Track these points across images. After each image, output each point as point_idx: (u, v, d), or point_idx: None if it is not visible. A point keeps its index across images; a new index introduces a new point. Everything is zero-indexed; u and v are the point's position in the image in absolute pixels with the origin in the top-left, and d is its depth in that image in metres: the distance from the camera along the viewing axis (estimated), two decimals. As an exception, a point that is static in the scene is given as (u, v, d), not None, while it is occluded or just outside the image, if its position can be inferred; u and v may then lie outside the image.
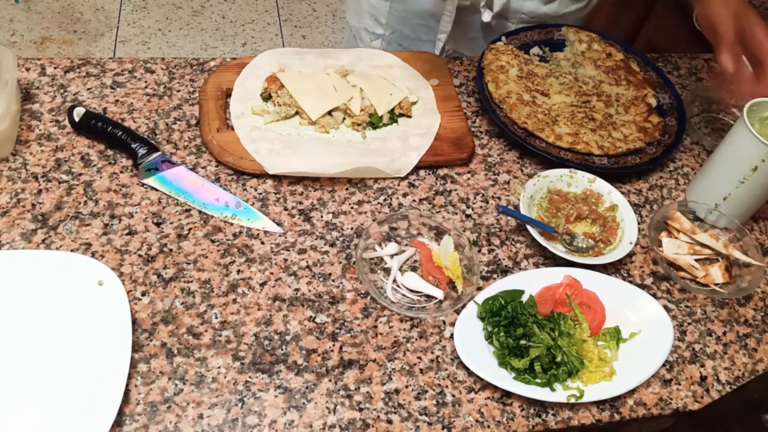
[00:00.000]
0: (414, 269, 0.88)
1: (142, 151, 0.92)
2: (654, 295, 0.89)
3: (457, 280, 0.85)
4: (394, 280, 0.85)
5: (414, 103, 1.05)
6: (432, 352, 0.80)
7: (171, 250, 0.84)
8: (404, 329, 0.82)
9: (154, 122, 0.98)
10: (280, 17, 2.92)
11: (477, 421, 0.75)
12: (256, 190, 0.92)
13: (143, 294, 0.80)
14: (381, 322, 0.82)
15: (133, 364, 0.74)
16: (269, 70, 1.05)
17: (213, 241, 0.86)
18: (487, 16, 1.18)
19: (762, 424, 0.70)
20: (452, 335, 0.81)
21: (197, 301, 0.80)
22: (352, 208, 0.93)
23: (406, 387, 0.77)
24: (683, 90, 1.20)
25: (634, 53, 1.20)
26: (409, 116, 1.03)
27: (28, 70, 1.02)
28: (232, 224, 0.88)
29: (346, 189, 0.95)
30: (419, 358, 0.79)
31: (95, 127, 0.93)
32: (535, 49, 1.20)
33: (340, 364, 0.77)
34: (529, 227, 0.90)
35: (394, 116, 1.03)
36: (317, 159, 0.94)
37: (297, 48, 1.10)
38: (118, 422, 0.70)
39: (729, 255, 0.93)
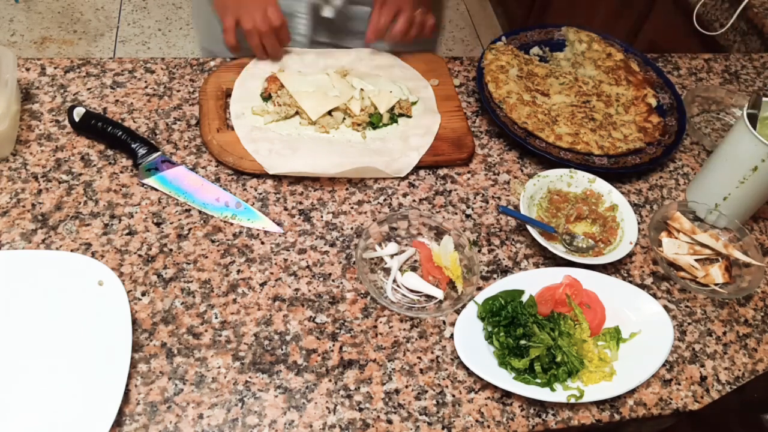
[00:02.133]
0: (414, 269, 0.88)
1: (142, 151, 0.92)
2: (654, 295, 0.89)
3: (457, 280, 0.85)
4: (394, 280, 0.85)
5: (414, 103, 1.05)
6: (432, 352, 0.80)
7: (171, 250, 0.84)
8: (404, 329, 0.82)
9: (154, 122, 0.98)
10: (280, 17, 2.91)
11: (477, 421, 0.75)
12: (256, 190, 0.92)
13: (143, 294, 0.80)
14: (381, 322, 0.82)
15: (133, 364, 0.74)
16: (269, 70, 1.05)
17: (213, 241, 0.86)
18: (328, 12, 1.13)
19: (762, 424, 0.70)
20: (452, 335, 0.81)
21: (197, 301, 0.80)
22: (352, 208, 0.93)
23: (406, 387, 0.77)
24: (683, 90, 1.20)
25: (634, 53, 1.20)
26: (409, 116, 1.03)
27: (28, 70, 1.02)
28: (232, 224, 0.88)
29: (346, 189, 0.95)
30: (419, 358, 0.79)
31: (95, 127, 0.93)
32: (535, 49, 1.20)
33: (340, 364, 0.77)
34: (529, 227, 0.90)
35: (394, 116, 1.03)
36: (317, 159, 0.94)
37: (297, 48, 1.10)
38: (118, 422, 0.70)
39: (729, 255, 0.93)
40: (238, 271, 0.84)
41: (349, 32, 1.18)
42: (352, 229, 0.90)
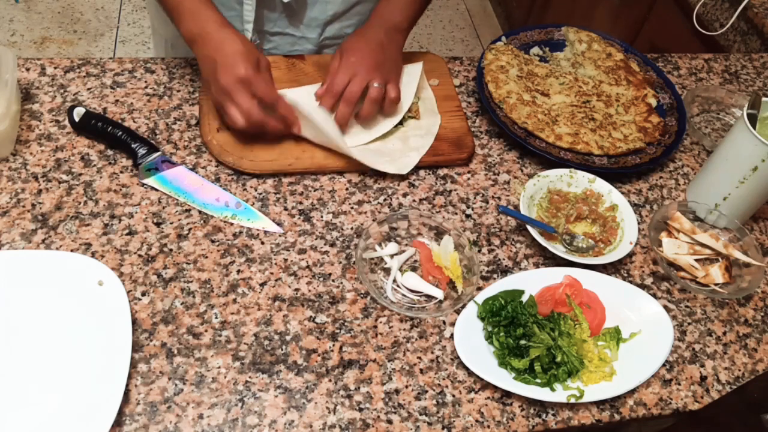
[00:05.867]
0: (414, 269, 0.88)
1: (142, 151, 0.92)
2: (654, 295, 0.89)
3: (457, 280, 0.85)
4: (394, 280, 0.85)
5: (415, 104, 1.05)
6: (432, 352, 0.80)
7: (171, 250, 0.84)
8: (404, 329, 0.82)
9: (154, 122, 0.98)
10: (280, 17, 2.91)
11: (477, 421, 0.75)
12: (256, 190, 0.93)
13: (143, 294, 0.80)
14: (381, 322, 0.82)
15: (133, 364, 0.74)
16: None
17: (213, 241, 0.86)
18: None
19: (762, 424, 0.70)
20: (452, 335, 0.81)
21: (197, 301, 0.80)
22: (352, 208, 0.93)
23: (406, 387, 0.77)
24: (683, 90, 1.20)
25: (634, 53, 1.20)
26: (418, 118, 1.03)
27: (28, 70, 1.02)
28: (232, 224, 0.88)
29: (346, 189, 0.95)
30: (419, 358, 0.79)
31: (95, 127, 0.93)
32: (535, 49, 1.20)
33: (340, 364, 0.77)
34: (529, 227, 0.90)
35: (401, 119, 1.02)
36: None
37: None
38: (118, 422, 0.70)
39: (729, 255, 0.93)
40: (238, 271, 0.84)
41: (301, 22, 1.12)
42: (352, 229, 0.90)
